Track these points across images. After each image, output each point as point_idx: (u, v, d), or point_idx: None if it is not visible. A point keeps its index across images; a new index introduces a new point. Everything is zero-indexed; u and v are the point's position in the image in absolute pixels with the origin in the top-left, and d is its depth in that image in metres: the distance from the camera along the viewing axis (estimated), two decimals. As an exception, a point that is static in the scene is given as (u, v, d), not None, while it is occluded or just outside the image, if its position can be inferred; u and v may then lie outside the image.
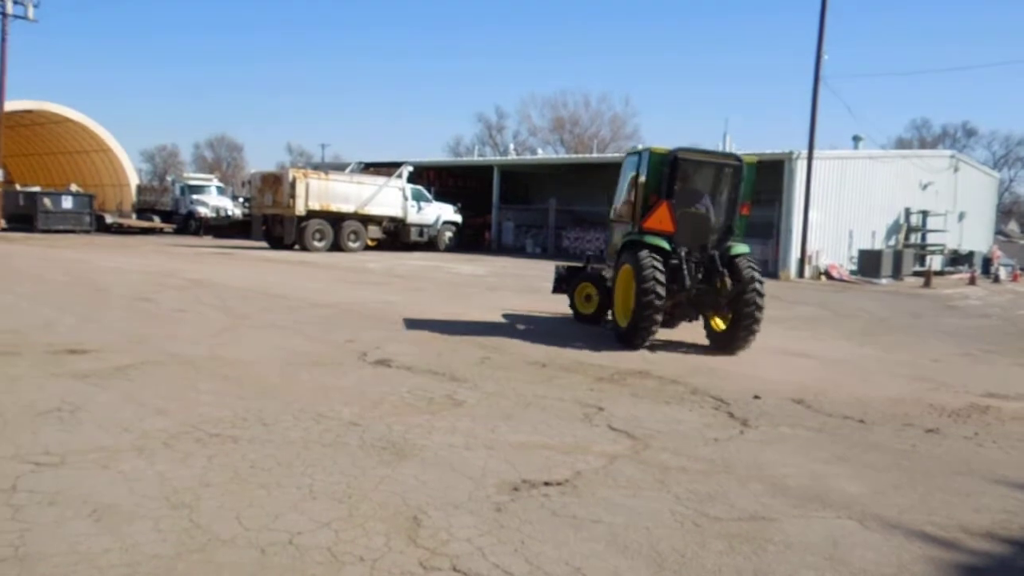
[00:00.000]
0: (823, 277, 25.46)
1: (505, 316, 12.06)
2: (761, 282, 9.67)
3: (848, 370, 9.07)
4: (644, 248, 9.57)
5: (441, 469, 4.77)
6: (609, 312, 11.06)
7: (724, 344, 9.89)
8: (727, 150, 34.94)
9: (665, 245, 9.67)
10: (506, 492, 4.44)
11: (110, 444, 4.90)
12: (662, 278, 9.29)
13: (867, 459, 5.48)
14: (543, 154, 51.39)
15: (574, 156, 48.71)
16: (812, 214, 25.10)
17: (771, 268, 26.20)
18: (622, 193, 11.17)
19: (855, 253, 27.42)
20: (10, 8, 33.02)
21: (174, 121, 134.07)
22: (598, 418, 6.17)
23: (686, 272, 9.59)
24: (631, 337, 9.67)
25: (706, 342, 10.21)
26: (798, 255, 25.39)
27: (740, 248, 9.97)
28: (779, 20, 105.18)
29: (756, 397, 7.14)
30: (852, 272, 26.71)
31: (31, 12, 33.61)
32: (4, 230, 32.76)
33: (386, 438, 5.33)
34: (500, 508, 4.20)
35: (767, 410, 6.72)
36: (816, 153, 25.54)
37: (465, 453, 5.12)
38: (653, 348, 9.63)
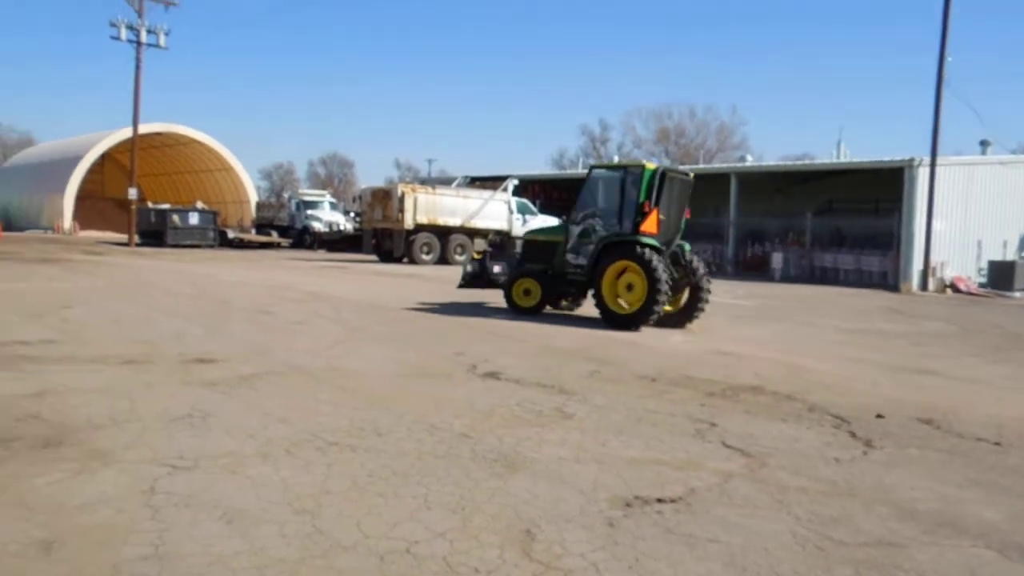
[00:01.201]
0: (949, 290, 24.15)
1: (611, 329, 11.97)
2: (710, 273, 12.77)
3: (980, 389, 8.54)
4: (646, 248, 11.78)
5: (552, 482, 4.78)
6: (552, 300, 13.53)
7: (675, 323, 12.35)
8: (840, 159, 33.76)
9: (659, 245, 12.06)
10: (618, 507, 4.40)
11: (237, 450, 5.14)
12: (668, 273, 11.77)
13: (1004, 484, 5.14)
14: (648, 165, 50.88)
15: (680, 167, 47.96)
16: (936, 223, 23.87)
17: (891, 280, 25.05)
18: (599, 200, 13.24)
19: (984, 264, 25.88)
20: (144, 37, 35.39)
21: (290, 140, 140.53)
22: (711, 434, 6.04)
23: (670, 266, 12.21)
24: (635, 322, 11.83)
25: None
26: (920, 267, 24.20)
27: (687, 245, 12.89)
28: (898, 21, 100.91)
29: (879, 416, 6.82)
30: (981, 285, 25.23)
31: (163, 40, 35.93)
32: (138, 245, 35.01)
33: (497, 450, 5.38)
34: (613, 523, 4.16)
35: (891, 430, 6.41)
36: (940, 159, 24.30)
37: (576, 467, 5.10)
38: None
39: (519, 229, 31.04)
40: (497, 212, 30.42)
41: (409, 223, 27.71)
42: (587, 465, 5.14)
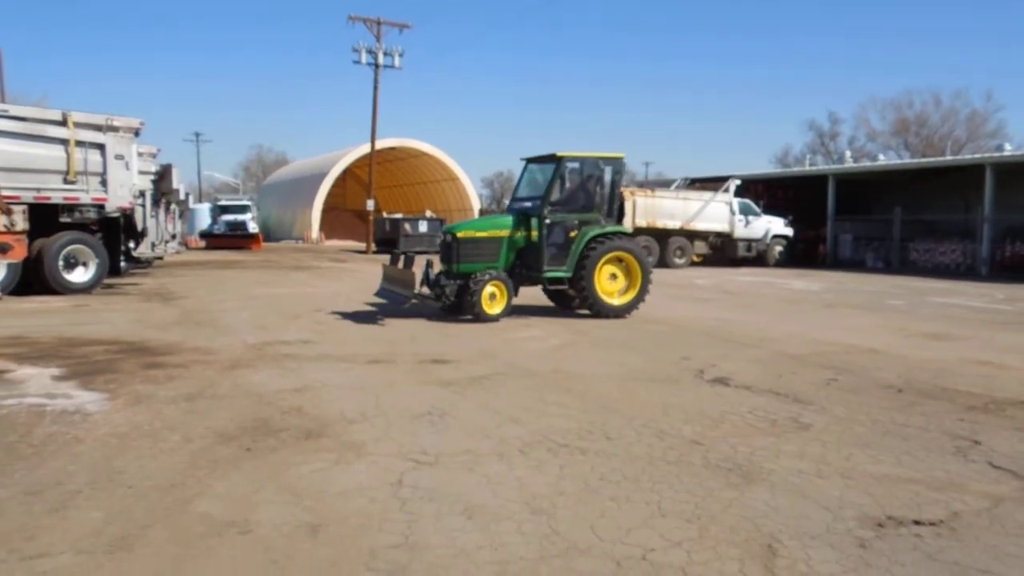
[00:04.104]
0: None
1: (846, 334, 11.20)
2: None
3: None
4: (633, 239, 13.05)
5: (792, 496, 4.53)
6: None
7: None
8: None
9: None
10: (869, 527, 4.08)
11: (474, 448, 5.36)
12: None
13: None
14: (885, 160, 47.14)
15: (923, 160, 43.81)
16: None
17: None
18: (570, 191, 12.88)
19: None
20: (381, 60, 38.25)
21: (509, 148, 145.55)
22: (974, 453, 5.45)
23: None
24: (629, 311, 12.77)
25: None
26: None
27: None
28: None
29: None
30: None
31: (397, 61, 38.67)
32: (374, 252, 37.79)
33: (731, 459, 5.19)
34: (864, 544, 3.86)
35: None
36: None
37: (817, 481, 4.80)
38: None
39: (741, 230, 29.99)
40: (718, 214, 29.58)
41: (628, 226, 27.65)
42: (831, 479, 4.82)
